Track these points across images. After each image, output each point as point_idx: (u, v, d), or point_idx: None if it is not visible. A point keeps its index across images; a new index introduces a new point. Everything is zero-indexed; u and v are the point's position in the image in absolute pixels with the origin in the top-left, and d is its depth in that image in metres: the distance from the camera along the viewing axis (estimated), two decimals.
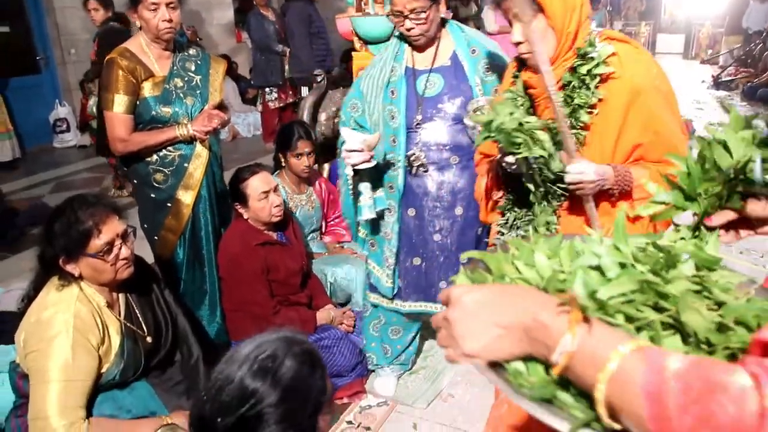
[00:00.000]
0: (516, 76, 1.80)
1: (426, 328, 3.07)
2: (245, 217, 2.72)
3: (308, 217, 3.39)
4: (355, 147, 2.13)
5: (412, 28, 2.18)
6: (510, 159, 1.65)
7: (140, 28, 2.52)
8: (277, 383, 1.10)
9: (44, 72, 7.56)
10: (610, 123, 1.67)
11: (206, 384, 1.14)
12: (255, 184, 2.66)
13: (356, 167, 2.20)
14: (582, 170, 1.56)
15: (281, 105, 7.27)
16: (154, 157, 2.56)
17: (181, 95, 2.55)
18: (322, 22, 6.78)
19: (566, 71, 1.67)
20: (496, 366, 0.72)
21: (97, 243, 1.83)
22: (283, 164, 3.29)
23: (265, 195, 2.66)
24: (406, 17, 2.16)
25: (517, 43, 1.66)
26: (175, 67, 2.57)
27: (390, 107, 2.29)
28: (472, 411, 2.54)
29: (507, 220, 1.86)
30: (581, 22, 1.64)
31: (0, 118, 6.71)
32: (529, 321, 0.69)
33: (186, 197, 2.61)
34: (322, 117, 4.28)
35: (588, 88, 1.64)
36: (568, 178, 1.58)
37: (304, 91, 7.63)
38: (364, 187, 2.35)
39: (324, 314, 2.79)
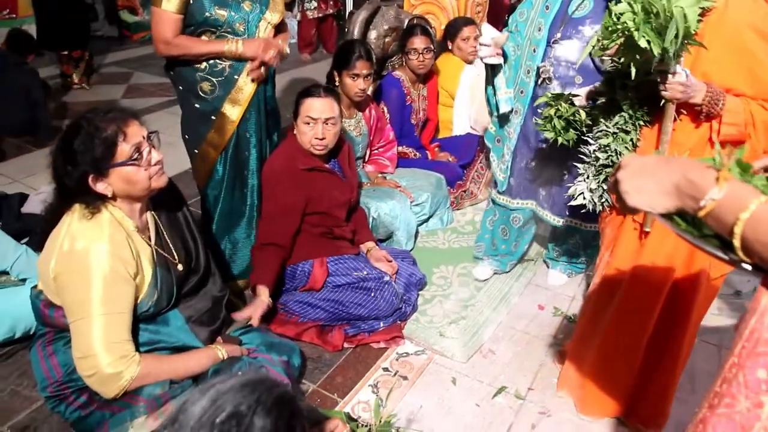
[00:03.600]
0: None
1: (463, 275, 2.94)
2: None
3: (354, 144, 3.17)
4: (486, 42, 2.36)
5: None
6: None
7: None
8: None
9: None
10: (704, 55, 1.72)
11: None
12: (308, 106, 2.44)
13: (485, 60, 2.41)
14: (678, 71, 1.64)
15: (320, 15, 6.87)
16: (203, 64, 2.32)
17: None
18: None
19: None
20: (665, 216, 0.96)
21: (125, 148, 1.65)
22: (337, 83, 3.05)
23: (311, 121, 2.44)
24: None
25: None
26: None
27: (540, 20, 2.40)
28: (514, 371, 2.40)
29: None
30: None
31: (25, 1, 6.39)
32: (680, 179, 0.89)
33: (232, 112, 2.39)
34: (372, 35, 3.97)
35: None
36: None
37: (349, 3, 7.25)
38: (498, 81, 2.51)
39: (375, 252, 2.69)
